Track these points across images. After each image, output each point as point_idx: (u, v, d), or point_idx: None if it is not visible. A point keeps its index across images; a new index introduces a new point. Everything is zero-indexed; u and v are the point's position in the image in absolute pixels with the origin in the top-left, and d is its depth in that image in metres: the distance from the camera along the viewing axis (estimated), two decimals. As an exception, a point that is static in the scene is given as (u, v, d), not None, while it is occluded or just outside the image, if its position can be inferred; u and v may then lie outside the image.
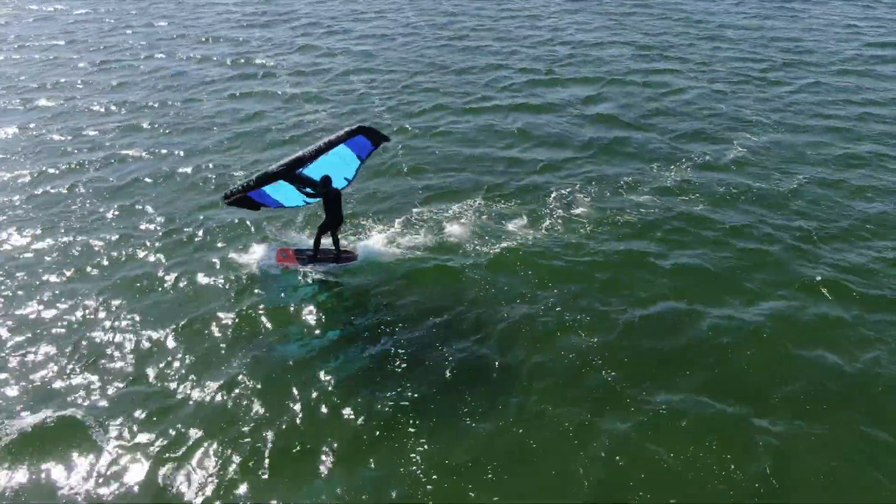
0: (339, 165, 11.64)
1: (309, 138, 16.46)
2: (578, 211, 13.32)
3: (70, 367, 9.48)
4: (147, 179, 14.97)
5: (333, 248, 11.74)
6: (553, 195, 13.86)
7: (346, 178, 12.03)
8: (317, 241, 11.58)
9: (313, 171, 11.16)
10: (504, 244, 12.14)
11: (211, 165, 15.57)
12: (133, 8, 31.85)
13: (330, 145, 10.49)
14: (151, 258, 12.03)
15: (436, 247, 12.17)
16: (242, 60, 23.59)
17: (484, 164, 15.58)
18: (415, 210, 13.41)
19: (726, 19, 28.08)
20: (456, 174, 15.09)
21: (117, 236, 12.66)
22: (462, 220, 13.02)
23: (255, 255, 11.90)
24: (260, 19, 29.44)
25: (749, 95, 19.44)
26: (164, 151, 16.39)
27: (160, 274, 11.54)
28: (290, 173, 10.49)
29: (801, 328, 10.06)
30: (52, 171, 15.45)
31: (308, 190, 11.21)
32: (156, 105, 19.58)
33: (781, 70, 21.56)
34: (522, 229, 12.72)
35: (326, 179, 10.93)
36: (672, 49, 24.04)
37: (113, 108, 19.38)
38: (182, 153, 16.24)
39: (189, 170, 15.38)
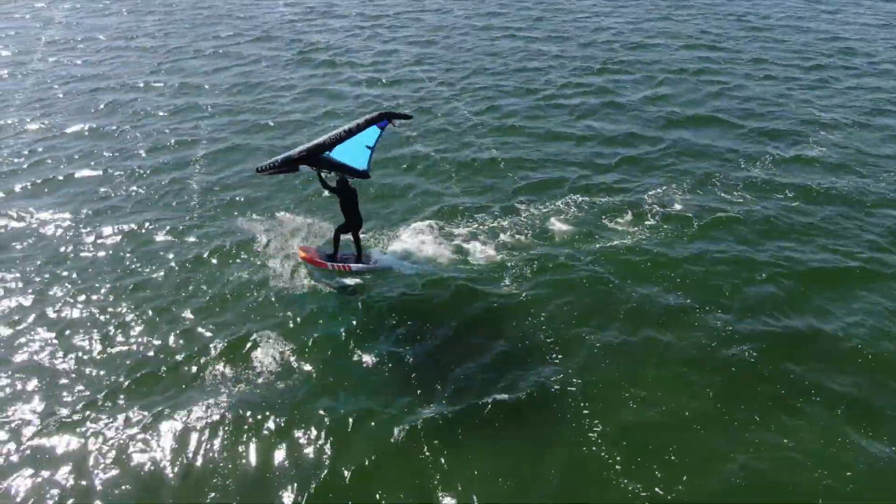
0: (360, 139, 11.02)
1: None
2: (670, 211, 13.31)
3: (97, 351, 9.78)
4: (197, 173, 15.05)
5: (355, 250, 11.62)
6: (628, 196, 13.76)
7: (367, 146, 11.28)
8: (336, 241, 11.46)
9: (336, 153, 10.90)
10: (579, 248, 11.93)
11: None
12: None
13: (350, 133, 10.27)
14: (169, 254, 12.06)
15: (469, 252, 11.93)
16: (304, 57, 23.66)
17: (549, 162, 15.50)
18: (449, 211, 13.24)
19: (769, 14, 28.39)
20: (518, 172, 14.95)
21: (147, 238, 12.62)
22: (523, 220, 12.82)
23: (277, 252, 11.85)
24: (313, 17, 29.48)
25: (808, 92, 19.64)
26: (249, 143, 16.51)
27: (176, 267, 11.61)
28: (311, 158, 10.28)
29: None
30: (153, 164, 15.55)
31: (327, 175, 11.02)
32: (236, 100, 19.67)
33: (833, 68, 21.82)
34: (579, 228, 12.58)
35: (342, 181, 10.87)
36: (722, 45, 24.25)
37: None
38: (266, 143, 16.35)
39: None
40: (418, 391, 8.97)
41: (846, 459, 7.92)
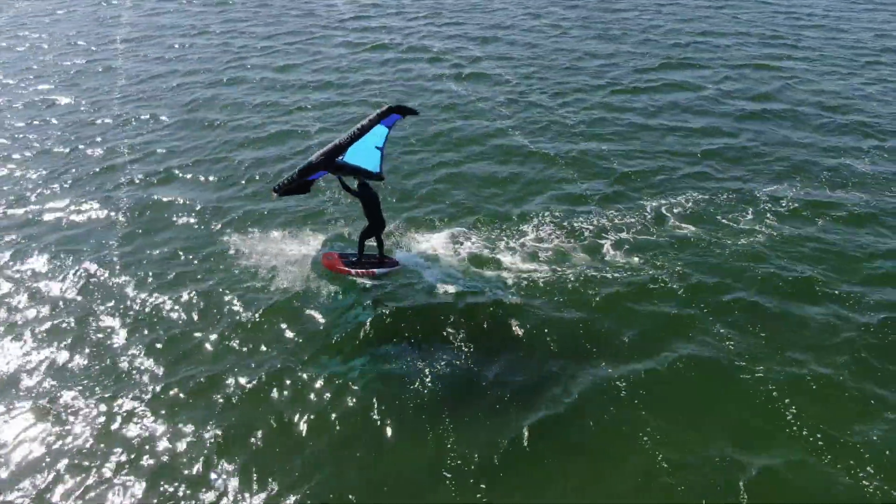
0: (370, 140, 10.98)
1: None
2: (784, 205, 13.72)
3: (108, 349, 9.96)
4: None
5: (377, 253, 11.57)
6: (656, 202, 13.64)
7: (377, 146, 11.34)
8: (360, 247, 11.40)
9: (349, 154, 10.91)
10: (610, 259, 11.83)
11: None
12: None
13: (364, 130, 10.24)
14: (190, 256, 12.20)
15: (497, 258, 11.86)
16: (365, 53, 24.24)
17: (627, 158, 15.67)
18: (476, 214, 13.22)
19: (812, 11, 28.98)
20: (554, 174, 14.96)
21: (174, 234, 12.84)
22: (545, 228, 12.71)
23: (299, 257, 11.89)
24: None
25: (872, 85, 20.28)
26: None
27: (197, 271, 11.76)
28: (330, 162, 10.33)
29: None
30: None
31: (348, 182, 10.97)
32: (319, 96, 20.22)
33: (888, 64, 22.47)
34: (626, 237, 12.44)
35: (363, 185, 10.80)
36: (776, 40, 24.83)
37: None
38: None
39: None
40: (437, 404, 8.94)
41: None
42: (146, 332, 10.37)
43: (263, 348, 9.99)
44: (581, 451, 8.28)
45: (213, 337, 10.21)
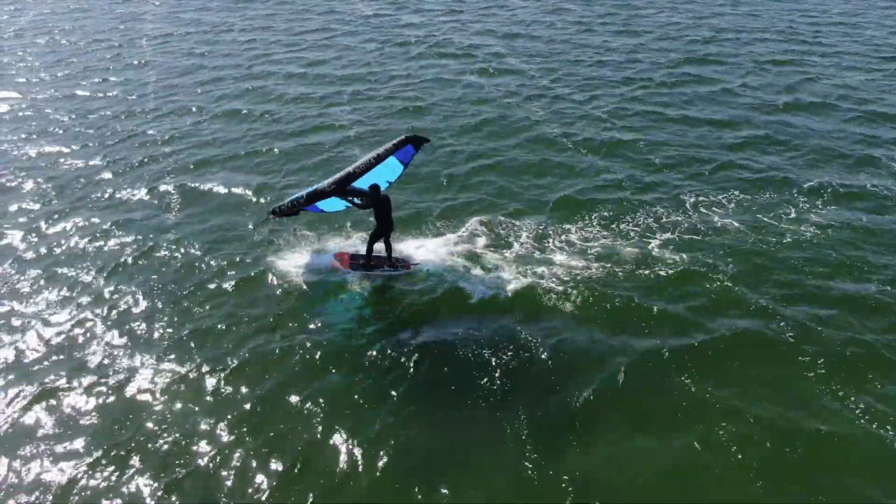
0: (383, 172, 11.27)
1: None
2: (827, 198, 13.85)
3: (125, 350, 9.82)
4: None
5: (386, 255, 11.50)
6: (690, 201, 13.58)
7: (387, 181, 11.58)
8: (369, 249, 11.30)
9: (360, 181, 10.89)
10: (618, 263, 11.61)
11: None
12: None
13: (379, 159, 10.27)
14: (205, 256, 11.99)
15: (505, 259, 11.73)
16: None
17: (653, 153, 15.78)
18: (485, 216, 13.03)
19: (828, 9, 29.36)
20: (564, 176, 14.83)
21: (177, 235, 12.64)
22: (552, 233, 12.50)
23: (309, 257, 11.79)
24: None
25: (894, 79, 20.63)
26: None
27: (211, 268, 11.62)
28: (342, 190, 10.32)
29: None
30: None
31: (356, 201, 10.84)
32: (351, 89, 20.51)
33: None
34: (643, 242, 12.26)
35: (375, 187, 10.66)
36: (796, 37, 25.17)
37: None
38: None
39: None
40: (448, 402, 8.86)
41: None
42: (170, 320, 10.39)
43: (276, 343, 9.88)
44: (645, 421, 8.51)
45: (219, 329, 10.14)
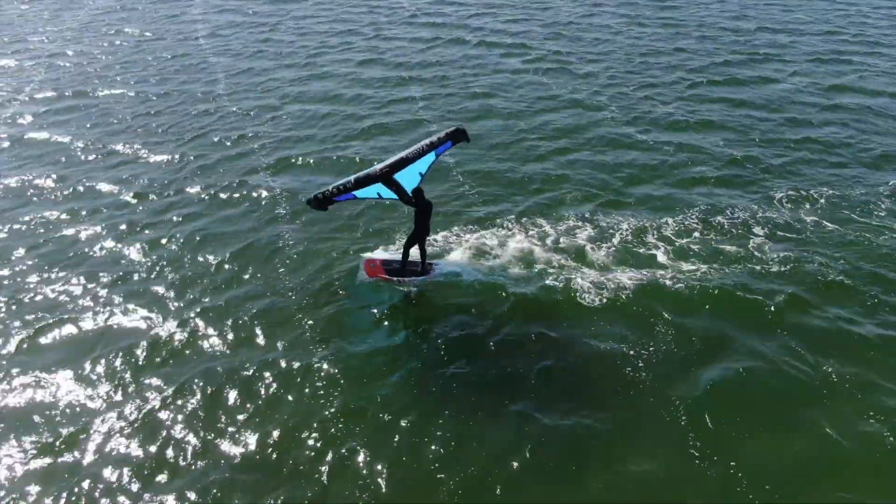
0: (416, 164, 10.92)
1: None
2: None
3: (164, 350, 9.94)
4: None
5: (420, 259, 11.30)
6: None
7: (420, 173, 11.23)
8: (405, 254, 11.13)
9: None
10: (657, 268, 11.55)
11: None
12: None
13: (432, 146, 10.23)
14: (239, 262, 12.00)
15: (544, 260, 11.68)
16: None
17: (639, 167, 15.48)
18: (520, 216, 13.08)
19: (876, 6, 29.75)
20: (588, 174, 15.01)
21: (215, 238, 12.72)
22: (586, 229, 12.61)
23: (344, 264, 11.75)
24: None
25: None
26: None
27: (246, 270, 11.70)
28: (390, 175, 10.21)
29: None
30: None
31: (394, 195, 10.68)
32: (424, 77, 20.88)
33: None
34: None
35: (418, 192, 10.53)
36: (838, 33, 25.57)
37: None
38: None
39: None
40: (480, 409, 8.79)
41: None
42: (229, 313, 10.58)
43: (304, 346, 9.92)
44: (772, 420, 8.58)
45: (257, 329, 10.26)
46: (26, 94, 20.65)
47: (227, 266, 11.91)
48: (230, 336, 10.19)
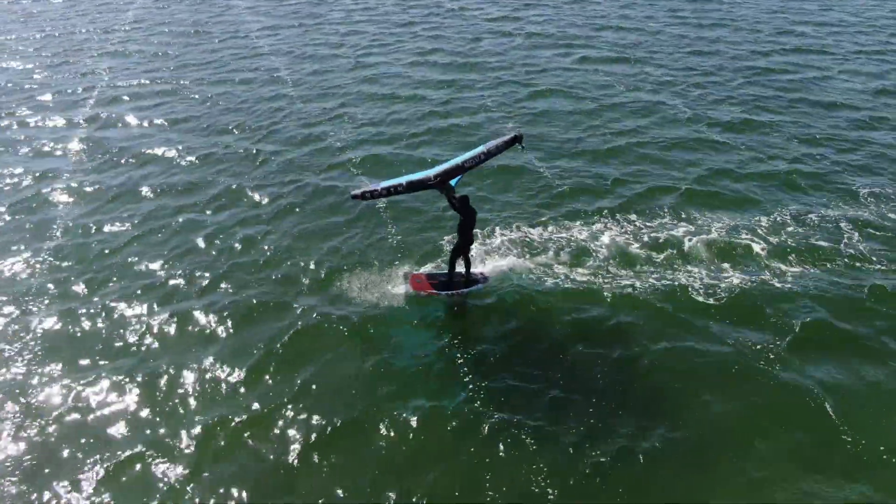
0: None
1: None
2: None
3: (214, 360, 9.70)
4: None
5: (465, 271, 10.92)
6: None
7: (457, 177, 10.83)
8: (451, 266, 10.72)
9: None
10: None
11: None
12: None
13: (489, 155, 9.81)
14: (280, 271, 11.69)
15: (592, 266, 11.41)
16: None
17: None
18: (562, 218, 12.86)
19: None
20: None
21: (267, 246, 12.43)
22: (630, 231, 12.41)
23: (390, 279, 11.32)
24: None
25: None
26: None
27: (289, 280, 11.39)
28: (445, 182, 9.87)
29: None
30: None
31: (449, 196, 10.23)
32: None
33: None
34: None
35: (465, 199, 10.08)
36: (881, 29, 25.68)
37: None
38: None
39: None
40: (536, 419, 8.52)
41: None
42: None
43: (353, 364, 9.57)
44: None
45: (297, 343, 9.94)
46: (95, 90, 20.84)
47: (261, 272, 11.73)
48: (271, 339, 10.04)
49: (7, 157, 16.46)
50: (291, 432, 8.42)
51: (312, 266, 11.75)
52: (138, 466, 8.06)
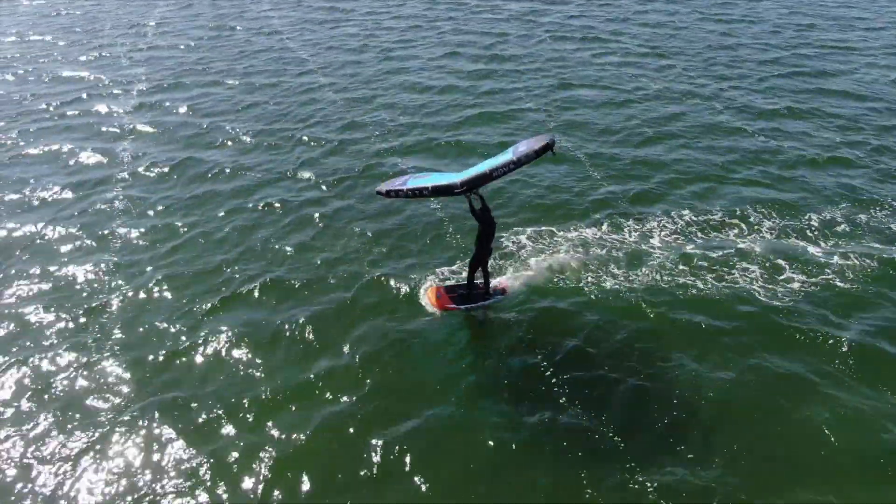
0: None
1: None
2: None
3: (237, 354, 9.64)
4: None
5: (483, 282, 10.53)
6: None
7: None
8: (470, 278, 10.41)
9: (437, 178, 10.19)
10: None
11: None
12: None
13: (519, 164, 9.23)
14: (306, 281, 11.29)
15: (614, 274, 11.06)
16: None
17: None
18: (586, 225, 12.56)
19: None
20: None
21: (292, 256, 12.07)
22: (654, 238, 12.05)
23: (411, 290, 10.91)
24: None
25: None
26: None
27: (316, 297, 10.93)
28: (470, 191, 9.51)
29: None
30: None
31: (474, 203, 9.89)
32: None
33: None
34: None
35: (486, 208, 9.79)
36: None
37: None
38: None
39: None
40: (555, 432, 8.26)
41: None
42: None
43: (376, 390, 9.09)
44: None
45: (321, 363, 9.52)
46: (130, 87, 21.08)
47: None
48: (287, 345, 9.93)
49: (68, 142, 16.85)
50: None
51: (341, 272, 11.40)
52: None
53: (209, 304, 10.66)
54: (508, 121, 17.89)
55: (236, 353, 9.69)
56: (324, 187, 14.52)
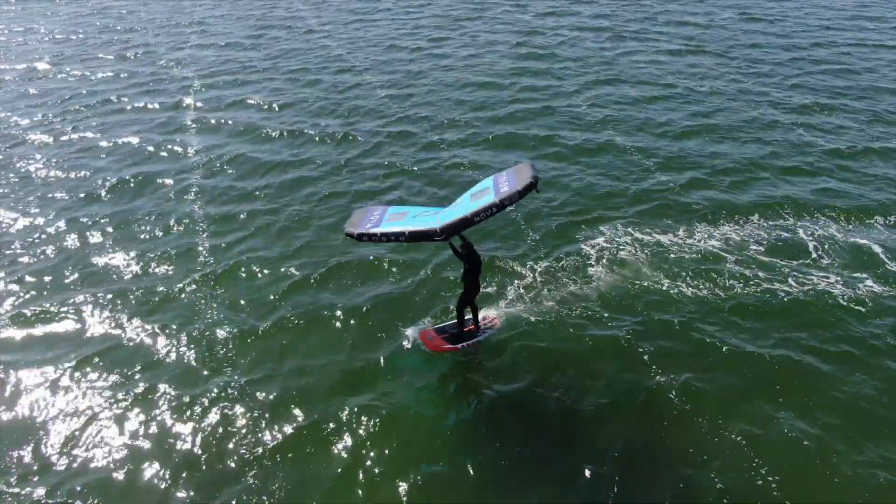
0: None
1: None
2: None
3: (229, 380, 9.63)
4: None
5: (472, 318, 10.22)
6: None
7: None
8: (460, 316, 10.11)
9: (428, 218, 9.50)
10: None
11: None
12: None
13: (502, 206, 8.64)
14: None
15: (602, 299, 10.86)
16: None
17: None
18: (584, 245, 12.41)
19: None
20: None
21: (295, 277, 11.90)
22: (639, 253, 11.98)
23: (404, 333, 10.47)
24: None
25: None
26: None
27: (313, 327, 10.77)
28: (452, 235, 8.85)
29: None
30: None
31: (457, 246, 9.53)
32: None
33: None
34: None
35: (468, 246, 9.43)
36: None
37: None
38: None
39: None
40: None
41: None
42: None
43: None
44: None
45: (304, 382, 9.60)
46: (183, 83, 21.82)
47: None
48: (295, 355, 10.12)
49: (132, 135, 17.68)
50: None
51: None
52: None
53: (281, 288, 11.41)
54: (551, 113, 18.44)
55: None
56: (373, 182, 15.13)
